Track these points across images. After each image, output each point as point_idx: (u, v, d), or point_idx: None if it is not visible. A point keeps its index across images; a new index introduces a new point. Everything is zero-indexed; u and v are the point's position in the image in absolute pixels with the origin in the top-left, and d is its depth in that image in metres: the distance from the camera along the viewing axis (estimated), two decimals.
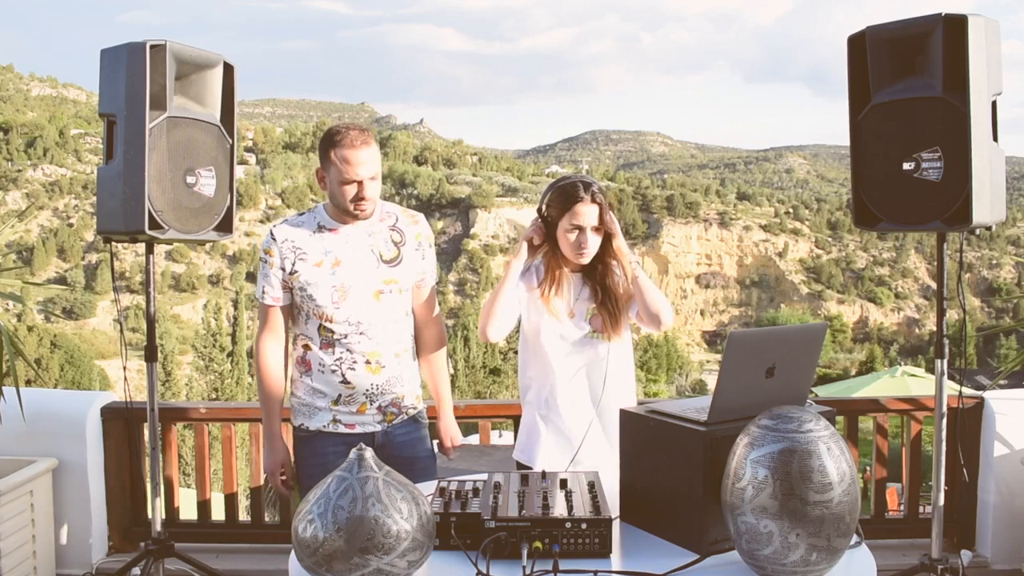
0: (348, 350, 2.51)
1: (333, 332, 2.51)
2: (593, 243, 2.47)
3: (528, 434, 2.60)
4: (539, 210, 2.55)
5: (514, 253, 2.52)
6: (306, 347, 2.57)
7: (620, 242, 2.52)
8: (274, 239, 2.51)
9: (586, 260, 2.50)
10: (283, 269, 2.50)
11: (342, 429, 2.55)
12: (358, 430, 2.55)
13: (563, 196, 2.47)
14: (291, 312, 2.60)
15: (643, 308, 2.54)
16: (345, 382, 2.52)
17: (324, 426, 2.55)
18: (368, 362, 2.53)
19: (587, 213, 2.44)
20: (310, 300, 2.50)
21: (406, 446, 2.61)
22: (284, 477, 2.61)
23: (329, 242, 2.51)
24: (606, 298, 2.53)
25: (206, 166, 2.81)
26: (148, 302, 2.91)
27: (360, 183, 2.43)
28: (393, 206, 2.64)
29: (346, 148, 2.42)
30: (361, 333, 2.51)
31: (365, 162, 2.44)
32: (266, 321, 2.58)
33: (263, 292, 2.56)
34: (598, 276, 2.54)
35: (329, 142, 2.46)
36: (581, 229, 2.45)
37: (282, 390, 2.62)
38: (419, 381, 2.70)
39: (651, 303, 2.53)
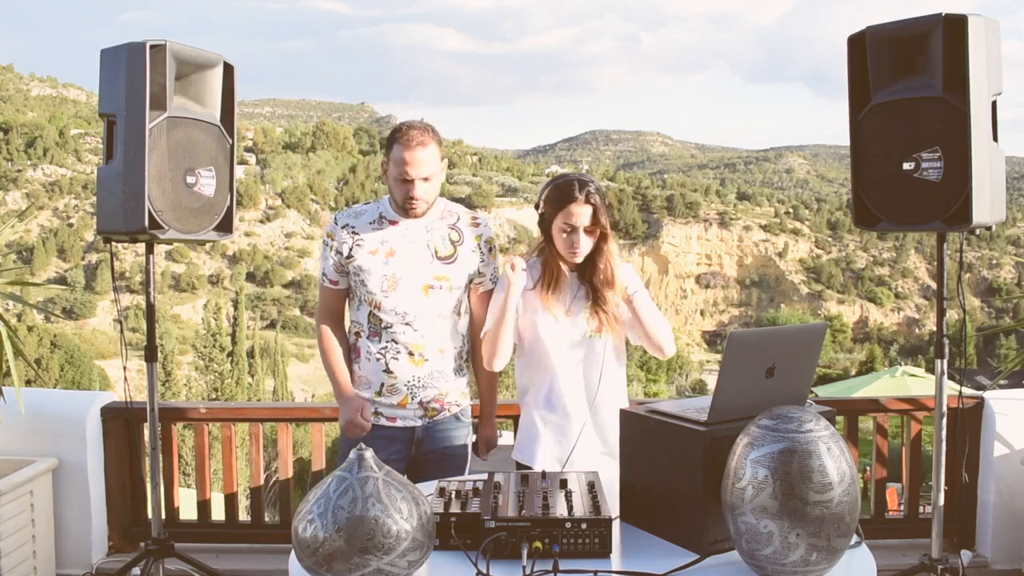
0: (393, 340, 2.58)
1: (381, 321, 2.59)
2: (585, 244, 2.47)
3: (527, 434, 2.60)
4: (536, 206, 2.56)
5: (504, 288, 2.51)
6: (357, 334, 2.66)
7: (612, 245, 2.53)
8: (336, 223, 2.62)
9: (578, 259, 2.50)
10: (340, 253, 2.59)
11: (383, 422, 2.62)
12: (399, 424, 2.62)
13: (558, 194, 2.48)
14: (351, 297, 2.69)
15: (644, 337, 2.58)
16: (388, 371, 2.59)
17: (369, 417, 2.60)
18: (411, 354, 2.59)
19: (580, 213, 2.44)
20: (362, 286, 2.58)
21: (443, 440, 2.68)
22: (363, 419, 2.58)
23: (387, 232, 2.59)
24: (599, 297, 2.52)
25: (206, 166, 2.81)
26: (148, 302, 2.91)
27: (412, 183, 2.49)
28: (458, 207, 2.70)
29: (402, 147, 2.49)
30: (407, 324, 2.58)
31: (419, 162, 2.49)
32: (324, 301, 2.71)
33: (323, 274, 2.67)
34: (588, 277, 2.54)
35: (392, 138, 2.54)
36: (574, 229, 2.45)
37: (341, 360, 2.66)
38: (466, 380, 2.75)
39: (653, 335, 2.56)
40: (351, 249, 2.58)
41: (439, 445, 2.66)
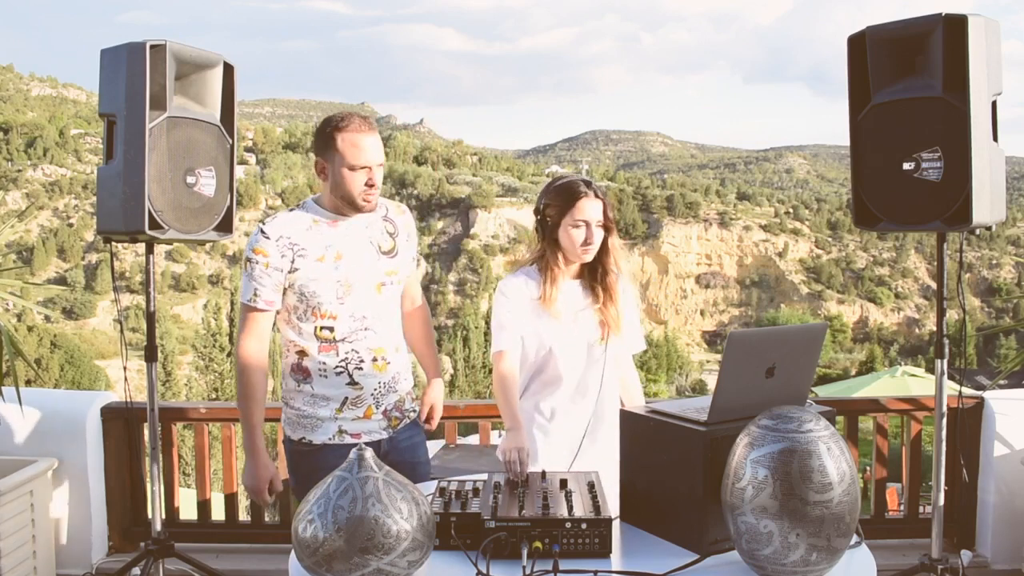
0: (354, 349, 2.41)
1: (334, 331, 2.39)
2: (598, 238, 2.48)
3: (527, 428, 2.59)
4: (536, 211, 2.55)
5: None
6: (301, 353, 2.42)
7: (615, 239, 2.54)
8: (267, 236, 2.33)
9: (590, 256, 2.49)
10: (280, 269, 2.33)
11: (348, 440, 2.42)
12: (364, 439, 2.45)
13: (564, 194, 2.47)
14: (278, 317, 2.44)
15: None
16: (352, 383, 2.42)
17: (329, 439, 2.43)
18: (375, 359, 2.43)
19: (591, 208, 2.45)
20: (311, 298, 2.36)
21: (408, 451, 2.56)
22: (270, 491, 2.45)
23: (328, 235, 2.38)
24: (607, 298, 2.52)
25: (206, 166, 2.80)
26: (148, 302, 2.91)
27: (370, 169, 2.33)
28: (380, 198, 2.51)
29: (354, 132, 2.31)
30: (366, 328, 2.42)
31: (376, 147, 2.34)
32: (255, 326, 2.38)
33: (254, 295, 2.35)
34: (598, 277, 2.53)
35: (333, 128, 2.33)
36: (587, 224, 2.45)
37: (263, 402, 2.45)
38: (411, 381, 2.65)
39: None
40: (293, 261, 2.33)
41: (404, 456, 2.52)
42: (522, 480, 2.07)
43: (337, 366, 2.40)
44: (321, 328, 2.39)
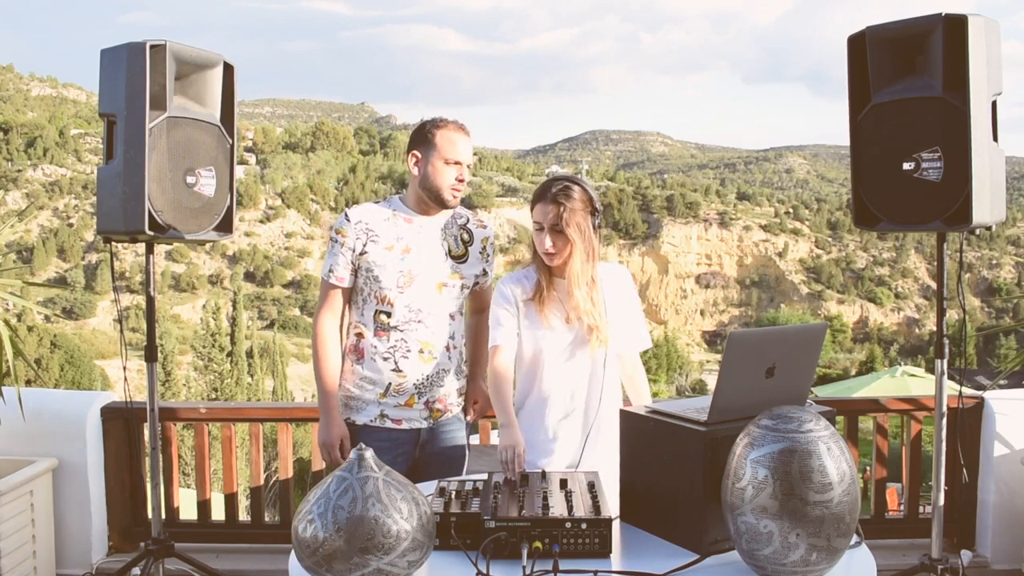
0: (403, 338, 2.56)
1: (390, 318, 2.56)
2: (553, 244, 2.40)
3: (527, 442, 2.58)
4: None
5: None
6: (359, 335, 2.61)
7: (576, 251, 2.40)
8: (348, 219, 2.57)
9: (552, 261, 2.44)
10: (353, 249, 2.55)
11: (389, 424, 2.59)
12: (404, 426, 2.61)
13: (536, 192, 2.50)
14: (349, 296, 2.64)
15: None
16: (397, 370, 2.57)
17: (371, 420, 2.60)
18: (422, 351, 2.58)
19: (542, 212, 2.42)
20: (375, 282, 2.55)
21: (447, 443, 2.68)
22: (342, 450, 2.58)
23: (402, 229, 2.59)
24: (589, 303, 2.46)
25: (206, 166, 2.81)
26: (148, 302, 2.91)
27: (461, 165, 2.55)
28: (464, 210, 2.74)
29: (452, 131, 2.54)
30: (419, 321, 2.57)
31: (468, 147, 2.57)
32: (329, 301, 2.62)
33: (329, 271, 2.60)
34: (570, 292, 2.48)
35: (432, 125, 2.56)
36: (540, 228, 2.43)
37: (339, 369, 2.63)
38: (464, 383, 2.75)
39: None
40: (365, 245, 2.55)
41: (443, 446, 2.66)
42: (517, 478, 2.07)
43: (386, 352, 2.57)
44: (379, 313, 2.58)
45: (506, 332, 2.48)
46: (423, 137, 2.57)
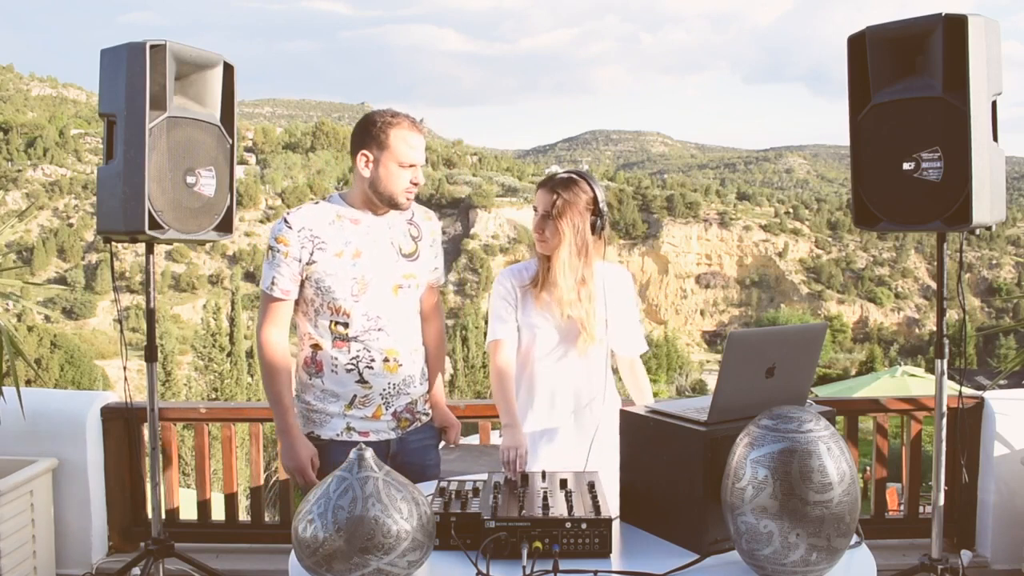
0: (366, 348, 2.41)
1: (348, 327, 2.40)
2: (544, 230, 2.44)
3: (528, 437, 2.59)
4: None
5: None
6: (315, 347, 2.44)
7: (564, 242, 2.42)
8: (289, 226, 2.36)
9: (543, 249, 2.47)
10: (299, 259, 2.36)
11: (356, 437, 2.44)
12: (372, 438, 2.45)
13: (542, 179, 2.52)
14: (297, 308, 2.46)
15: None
16: (362, 381, 2.42)
17: (337, 435, 2.44)
18: (386, 360, 2.43)
19: (541, 197, 2.47)
20: (326, 293, 2.38)
21: (417, 453, 2.54)
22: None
23: (349, 232, 2.40)
24: (582, 299, 2.47)
25: (206, 166, 2.80)
26: (148, 302, 2.91)
27: (416, 167, 2.38)
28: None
29: (407, 130, 2.36)
30: (380, 329, 2.42)
31: (422, 147, 2.40)
32: (273, 315, 2.42)
33: (272, 283, 2.39)
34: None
35: (384, 123, 2.35)
36: (536, 213, 2.48)
37: (291, 385, 2.45)
38: (427, 387, 2.62)
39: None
40: (312, 254, 2.36)
41: (414, 457, 2.52)
42: (518, 478, 2.07)
43: (348, 363, 2.41)
44: (335, 324, 2.41)
45: (507, 326, 2.48)
46: (374, 135, 2.36)
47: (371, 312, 2.41)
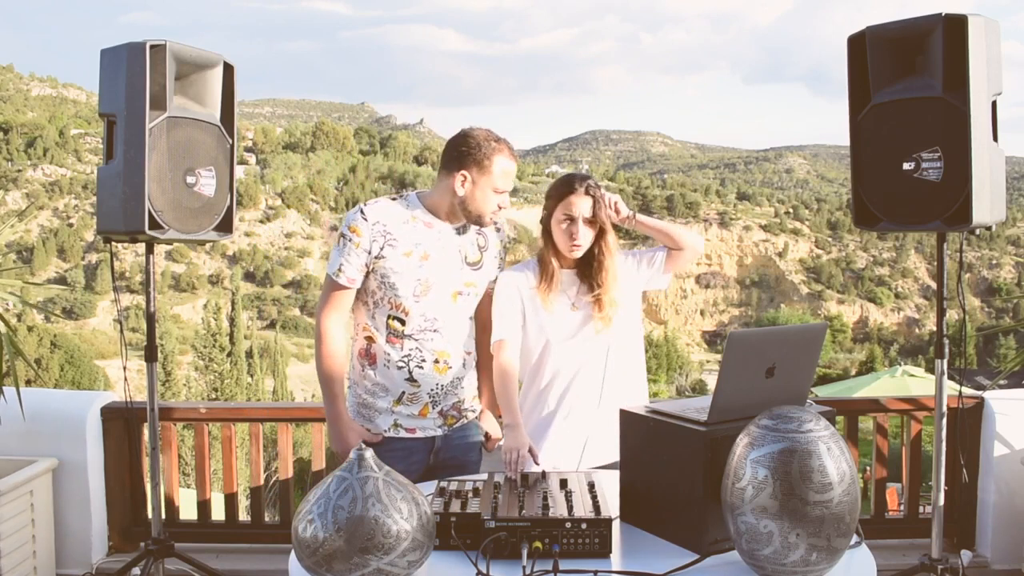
0: (419, 347, 2.46)
1: (404, 326, 2.45)
2: (584, 235, 2.47)
3: (532, 436, 2.58)
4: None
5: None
6: (369, 339, 2.48)
7: (611, 238, 2.53)
8: (364, 218, 2.39)
9: (577, 253, 2.49)
10: (368, 251, 2.40)
11: (403, 434, 2.50)
12: (419, 435, 2.51)
13: (558, 188, 2.51)
14: (357, 298, 2.50)
15: (667, 241, 2.65)
16: (411, 380, 2.47)
17: (385, 430, 2.49)
18: (437, 361, 2.48)
19: (579, 204, 2.46)
20: (390, 288, 2.42)
21: (460, 449, 2.60)
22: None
23: (421, 234, 2.45)
24: (601, 292, 2.50)
25: (206, 166, 2.80)
26: (148, 302, 2.91)
27: (505, 195, 2.47)
28: None
29: (507, 158, 2.42)
30: (435, 331, 2.47)
31: (515, 173, 2.50)
32: (335, 301, 2.45)
33: (339, 270, 2.42)
34: (593, 272, 2.53)
35: (489, 148, 2.40)
36: (572, 219, 2.46)
37: (345, 372, 2.50)
38: (476, 384, 2.66)
39: (673, 240, 2.63)
40: (382, 248, 2.40)
41: (457, 452, 2.58)
42: (518, 478, 2.07)
43: (399, 360, 2.47)
44: (392, 319, 2.46)
45: (511, 325, 2.49)
46: (476, 159, 2.39)
47: (429, 313, 2.46)
